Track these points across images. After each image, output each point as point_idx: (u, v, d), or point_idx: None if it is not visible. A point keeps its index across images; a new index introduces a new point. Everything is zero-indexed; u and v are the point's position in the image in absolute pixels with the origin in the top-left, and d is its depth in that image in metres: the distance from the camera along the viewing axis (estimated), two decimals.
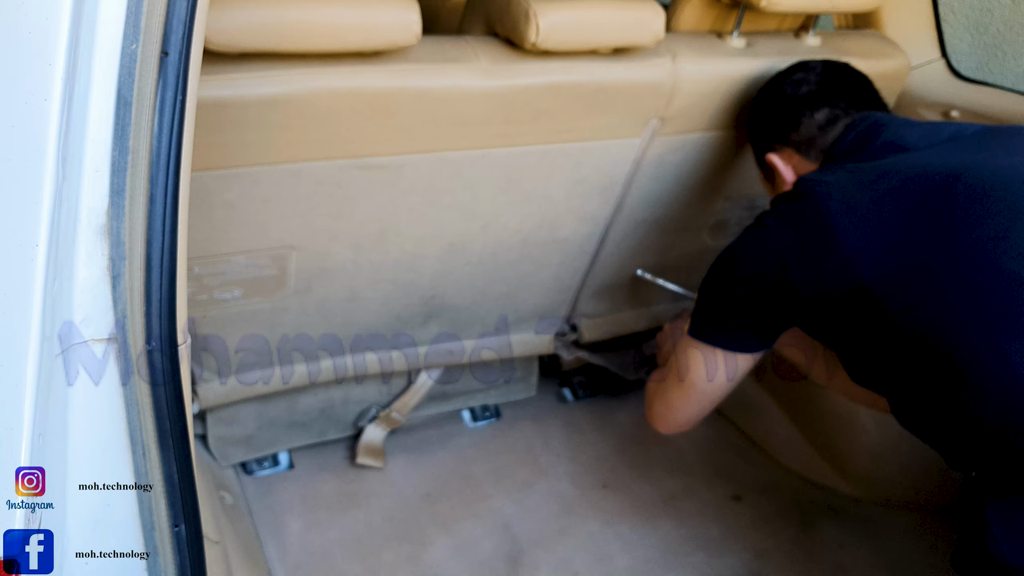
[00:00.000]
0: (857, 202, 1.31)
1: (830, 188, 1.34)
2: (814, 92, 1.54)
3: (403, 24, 1.32)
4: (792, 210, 1.36)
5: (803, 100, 1.54)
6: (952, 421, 1.24)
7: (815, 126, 1.52)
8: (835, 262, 1.28)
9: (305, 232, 1.55)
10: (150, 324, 0.86)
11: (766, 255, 1.36)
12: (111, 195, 0.82)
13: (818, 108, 1.52)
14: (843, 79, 1.56)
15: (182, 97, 0.83)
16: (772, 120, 1.59)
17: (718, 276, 1.45)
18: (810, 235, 1.32)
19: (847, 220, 1.29)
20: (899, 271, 1.24)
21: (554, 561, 1.83)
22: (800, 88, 1.55)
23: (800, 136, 1.54)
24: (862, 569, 1.85)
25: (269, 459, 2.00)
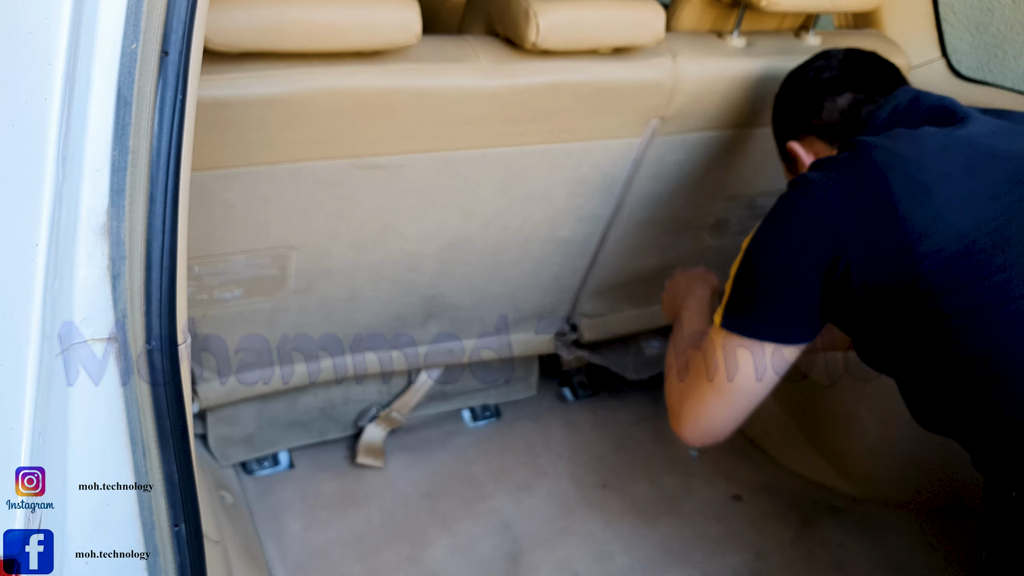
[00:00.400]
0: (920, 176, 1.21)
1: (889, 155, 1.24)
2: (836, 77, 1.47)
3: (403, 24, 1.32)
4: (845, 175, 1.25)
5: (824, 85, 1.47)
6: (981, 421, 1.21)
7: (837, 111, 1.45)
8: (895, 245, 1.18)
9: (305, 232, 1.55)
10: (150, 324, 0.86)
11: (819, 228, 1.23)
12: (111, 195, 0.82)
13: (840, 93, 1.45)
14: (867, 65, 1.49)
15: (182, 97, 0.83)
16: (793, 107, 1.53)
17: (758, 258, 1.30)
18: (868, 207, 1.21)
19: (910, 196, 1.19)
20: (964, 268, 1.16)
21: (554, 561, 1.83)
22: (822, 74, 1.49)
23: (822, 122, 1.46)
24: (862, 568, 1.85)
25: (269, 459, 2.00)
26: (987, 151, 1.24)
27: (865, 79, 1.45)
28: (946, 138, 1.27)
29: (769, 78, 1.68)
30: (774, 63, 1.68)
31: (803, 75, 1.52)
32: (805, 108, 1.49)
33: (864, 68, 1.48)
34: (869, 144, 1.28)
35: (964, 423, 1.26)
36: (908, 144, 1.26)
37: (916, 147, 1.25)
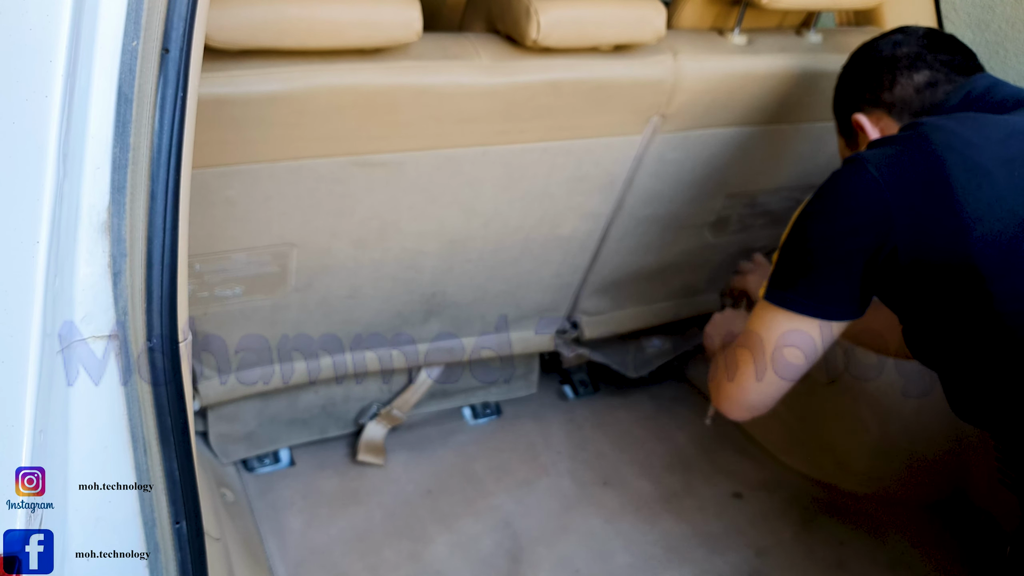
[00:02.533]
0: (981, 159, 1.19)
1: (951, 136, 1.22)
2: (915, 53, 1.41)
3: (404, 21, 1.32)
4: (901, 157, 1.23)
5: (902, 59, 1.41)
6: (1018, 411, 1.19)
7: (912, 87, 1.39)
8: (947, 227, 1.17)
9: (306, 229, 1.55)
10: (151, 321, 0.86)
11: (869, 208, 1.22)
12: (112, 192, 0.82)
13: (918, 69, 1.39)
14: (948, 46, 1.43)
15: (183, 94, 0.84)
16: (864, 78, 1.46)
17: (806, 233, 1.30)
18: (922, 190, 1.19)
19: (968, 178, 1.17)
20: (1019, 254, 1.15)
21: (555, 558, 1.83)
22: (899, 48, 1.42)
23: (894, 96, 1.40)
24: (862, 565, 1.86)
25: (270, 456, 2.01)
26: None
27: (944, 59, 1.41)
28: (1014, 124, 1.25)
29: (770, 76, 1.68)
30: (775, 61, 1.68)
31: (877, 48, 1.46)
32: (877, 80, 1.43)
33: (945, 48, 1.43)
34: (930, 124, 1.26)
35: (1006, 414, 1.24)
36: (972, 128, 1.24)
37: (980, 131, 1.23)
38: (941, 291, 1.20)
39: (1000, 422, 1.27)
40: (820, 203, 1.29)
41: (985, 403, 1.28)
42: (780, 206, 2.02)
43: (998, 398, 1.24)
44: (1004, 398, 1.22)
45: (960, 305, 1.19)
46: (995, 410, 1.27)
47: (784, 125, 1.76)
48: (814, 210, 1.30)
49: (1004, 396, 1.22)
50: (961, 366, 1.28)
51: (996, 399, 1.24)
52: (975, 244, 1.15)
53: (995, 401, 1.25)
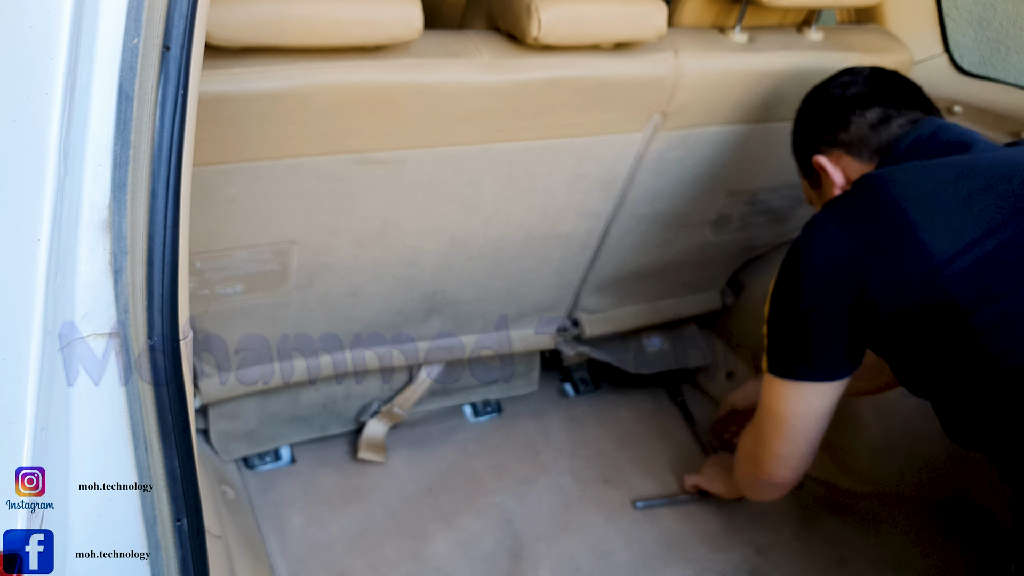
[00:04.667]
0: (938, 202, 1.24)
1: (904, 187, 1.27)
2: (864, 92, 1.49)
3: (405, 19, 1.32)
4: (858, 211, 1.30)
5: (852, 100, 1.49)
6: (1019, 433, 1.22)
7: (867, 125, 1.46)
8: (920, 269, 1.21)
9: (306, 227, 1.55)
10: (152, 319, 0.86)
11: (837, 267, 1.29)
12: (113, 190, 0.82)
13: (868, 107, 1.47)
14: (892, 82, 1.52)
15: (183, 92, 0.84)
16: (819, 121, 1.53)
17: (786, 304, 1.37)
18: (886, 239, 1.25)
19: (928, 220, 1.22)
20: (991, 284, 1.18)
21: (556, 556, 1.84)
22: (848, 89, 1.50)
23: (850, 135, 1.48)
24: (863, 564, 1.86)
25: (271, 454, 2.01)
26: (1005, 169, 1.27)
27: (891, 94, 1.48)
28: (962, 163, 1.30)
29: (771, 74, 1.67)
30: (776, 59, 1.68)
31: (828, 91, 1.53)
32: (831, 121, 1.50)
33: (890, 84, 1.51)
34: (881, 178, 1.31)
35: (1000, 437, 1.27)
36: (923, 175, 1.29)
37: (931, 177, 1.28)
38: (925, 334, 1.25)
39: (995, 447, 1.30)
40: (790, 272, 1.36)
41: (978, 430, 1.31)
42: (781, 204, 2.02)
43: (990, 424, 1.27)
44: (996, 424, 1.26)
45: (945, 343, 1.23)
46: (989, 436, 1.30)
47: (785, 123, 1.75)
48: (786, 280, 1.37)
49: (995, 422, 1.26)
50: (951, 397, 1.32)
51: (988, 426, 1.28)
52: (949, 281, 1.19)
53: (988, 427, 1.28)
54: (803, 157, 1.58)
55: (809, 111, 1.57)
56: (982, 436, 1.31)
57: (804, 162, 1.59)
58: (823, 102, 1.54)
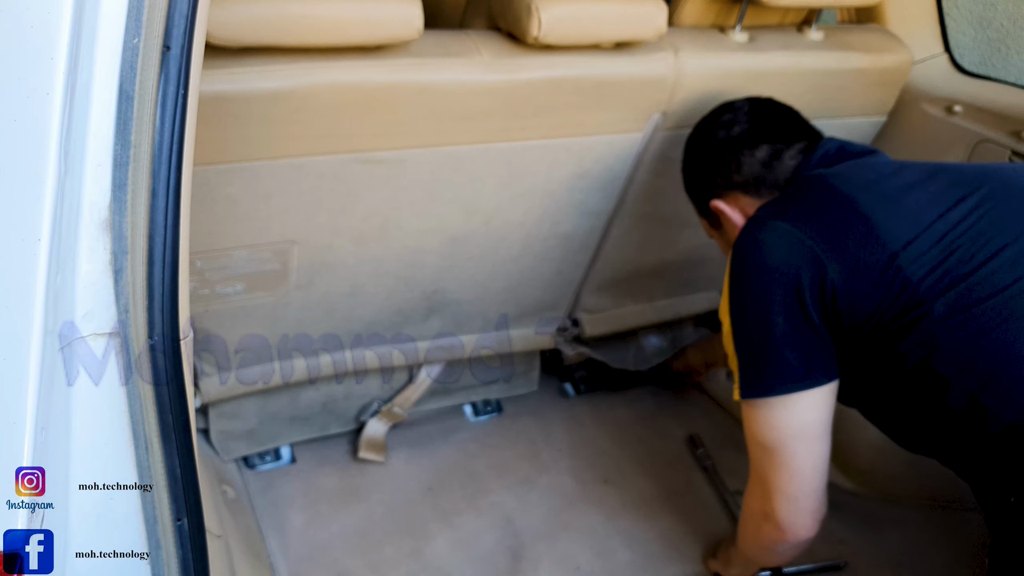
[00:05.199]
0: (884, 190, 1.23)
1: (847, 180, 1.26)
2: (748, 130, 1.45)
3: (405, 18, 1.32)
4: (805, 205, 1.27)
5: (738, 140, 1.45)
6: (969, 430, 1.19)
7: (758, 163, 1.43)
8: (876, 258, 1.19)
9: (307, 227, 1.55)
10: (152, 318, 0.86)
11: (793, 256, 1.22)
12: (113, 189, 0.83)
13: (756, 145, 1.44)
14: (773, 114, 1.48)
15: (184, 91, 0.84)
16: (709, 166, 1.50)
17: (746, 312, 1.27)
18: (839, 228, 1.21)
19: (882, 209, 1.21)
20: (949, 267, 1.17)
21: (556, 555, 1.84)
22: (732, 128, 1.47)
23: (743, 176, 1.45)
24: (863, 564, 1.85)
25: (271, 453, 2.01)
26: (935, 168, 1.29)
27: (776, 127, 1.45)
28: (892, 163, 1.32)
29: (772, 73, 1.67)
30: (776, 58, 1.68)
31: (713, 133, 1.49)
32: (723, 165, 1.47)
33: (772, 117, 1.47)
34: (821, 175, 1.30)
35: (949, 436, 1.24)
36: (860, 169, 1.29)
37: (870, 170, 1.28)
38: (881, 326, 1.20)
39: (942, 447, 1.28)
40: (741, 277, 1.27)
41: (924, 430, 1.28)
42: None
43: (936, 422, 1.23)
44: (942, 421, 1.22)
45: (897, 334, 1.19)
46: (934, 435, 1.27)
47: None
48: (740, 286, 1.28)
49: (941, 419, 1.21)
50: (892, 401, 1.29)
51: (934, 424, 1.24)
52: (908, 266, 1.17)
53: (933, 426, 1.25)
54: (699, 201, 1.56)
55: (697, 156, 1.54)
56: (929, 438, 1.29)
57: (701, 205, 1.56)
58: (710, 146, 1.50)
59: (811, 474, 1.32)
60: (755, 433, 1.32)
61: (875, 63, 1.78)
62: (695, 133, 1.55)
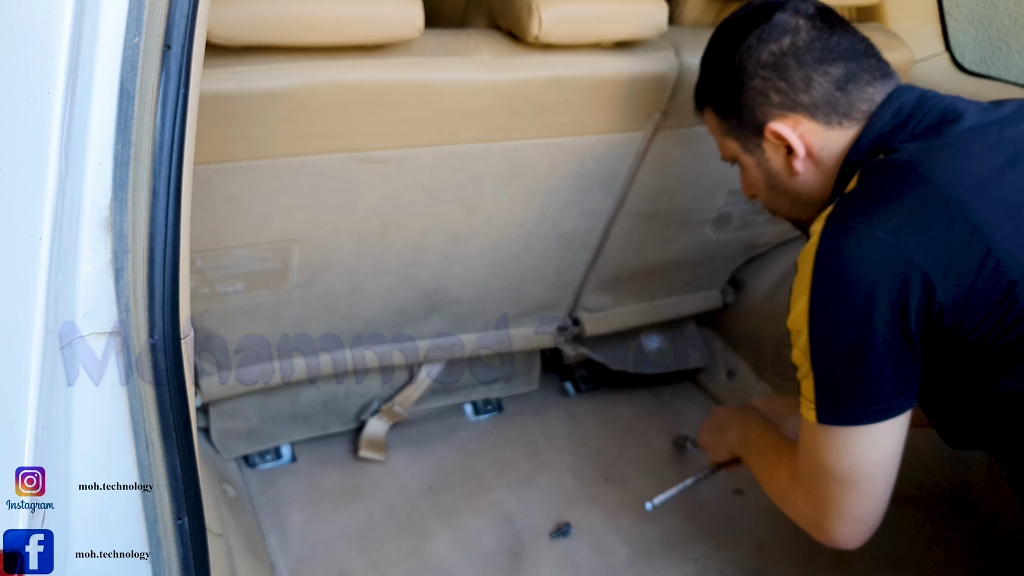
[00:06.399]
0: (1000, 195, 1.05)
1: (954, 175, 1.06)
2: (819, 38, 1.20)
3: (405, 17, 1.32)
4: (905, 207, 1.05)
5: (810, 48, 1.19)
6: None
7: (832, 83, 1.19)
8: (993, 280, 1.03)
9: (308, 226, 1.55)
10: (153, 317, 0.86)
11: (896, 275, 1.04)
12: (114, 188, 0.83)
13: (832, 61, 1.19)
14: (842, 24, 1.24)
15: (184, 90, 0.84)
16: (766, 78, 1.22)
17: (835, 333, 1.09)
18: (955, 244, 1.03)
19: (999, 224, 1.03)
20: None
21: (556, 554, 1.84)
22: (799, 34, 1.20)
23: (812, 96, 1.19)
24: (863, 563, 1.85)
25: (272, 452, 2.01)
26: None
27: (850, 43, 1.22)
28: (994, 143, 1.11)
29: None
30: None
31: (769, 35, 1.22)
32: (787, 78, 1.21)
33: (842, 27, 1.23)
34: (919, 164, 1.09)
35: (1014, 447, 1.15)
36: (967, 158, 1.09)
37: (980, 161, 1.09)
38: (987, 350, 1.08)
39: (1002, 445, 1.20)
40: (832, 292, 1.08)
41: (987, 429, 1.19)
42: None
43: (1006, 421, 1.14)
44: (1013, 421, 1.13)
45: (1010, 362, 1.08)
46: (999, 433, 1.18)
47: None
48: (829, 301, 1.09)
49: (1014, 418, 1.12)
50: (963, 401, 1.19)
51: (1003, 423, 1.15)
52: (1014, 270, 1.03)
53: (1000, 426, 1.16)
54: (744, 127, 1.28)
55: (742, 64, 1.24)
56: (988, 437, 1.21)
57: (744, 133, 1.28)
58: (766, 53, 1.22)
59: (883, 497, 1.21)
60: (824, 459, 1.16)
61: None
62: (732, 34, 1.27)
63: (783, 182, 1.29)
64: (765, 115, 1.24)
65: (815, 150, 1.22)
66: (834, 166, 1.23)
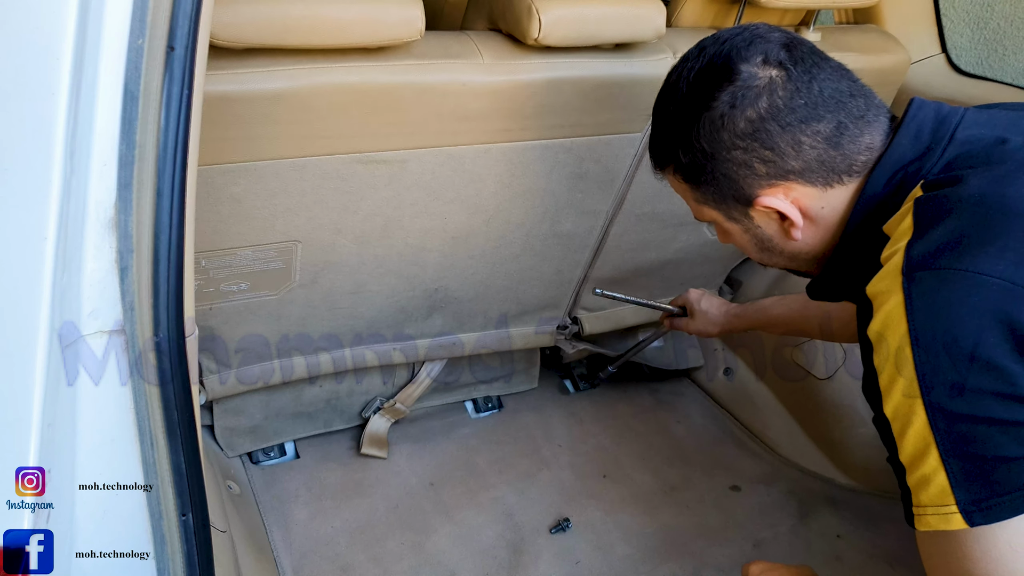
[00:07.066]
0: None
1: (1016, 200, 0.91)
2: (798, 90, 1.02)
3: (406, 20, 1.33)
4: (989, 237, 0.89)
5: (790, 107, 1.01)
6: None
7: (822, 140, 1.02)
8: None
9: (310, 226, 1.56)
10: (158, 316, 0.87)
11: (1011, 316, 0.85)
12: (118, 189, 0.83)
13: (820, 118, 1.01)
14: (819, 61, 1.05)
15: (188, 92, 0.84)
16: (747, 150, 1.04)
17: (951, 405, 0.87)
18: None
19: None
20: None
21: (555, 550, 1.85)
22: (774, 93, 1.02)
23: (803, 160, 1.03)
24: (859, 559, 1.87)
25: (275, 449, 2.03)
26: None
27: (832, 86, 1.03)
28: None
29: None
30: None
31: (742, 99, 1.02)
32: (772, 147, 1.03)
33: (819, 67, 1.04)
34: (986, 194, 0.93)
35: None
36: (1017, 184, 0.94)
37: None
38: None
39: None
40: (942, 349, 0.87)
41: None
42: None
43: None
44: None
45: None
46: None
47: None
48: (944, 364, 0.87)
49: None
50: None
51: None
52: None
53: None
54: (725, 199, 1.11)
55: (716, 136, 1.05)
56: None
57: (729, 205, 1.11)
58: (743, 121, 1.03)
59: None
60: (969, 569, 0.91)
61: (872, 64, 1.78)
62: (694, 96, 1.06)
63: (778, 245, 1.14)
64: (751, 187, 1.06)
65: (813, 212, 1.07)
66: (841, 218, 1.08)
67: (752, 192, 1.07)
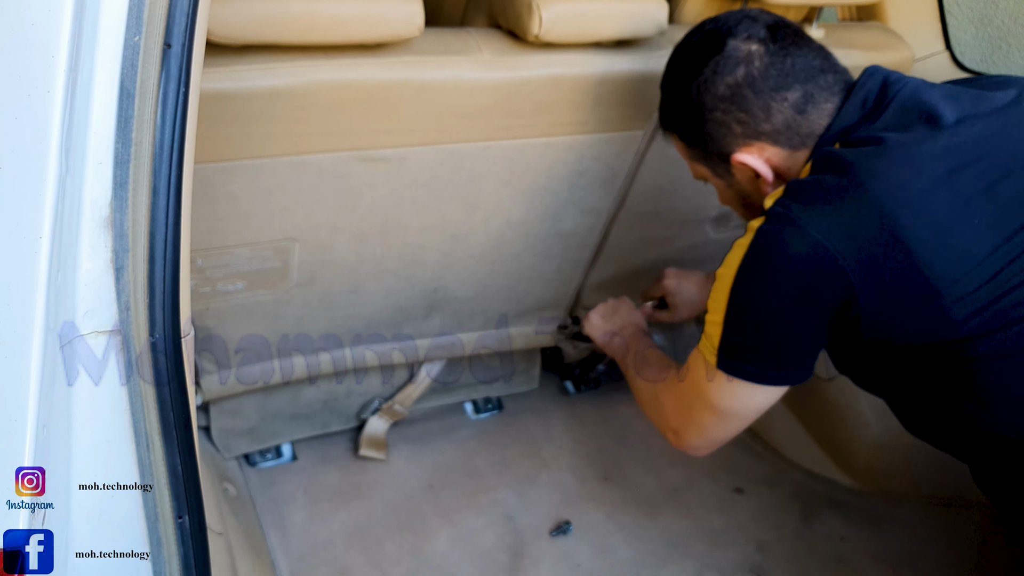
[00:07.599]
0: (933, 209, 1.07)
1: (893, 186, 1.08)
2: (773, 63, 1.21)
3: (406, 16, 1.32)
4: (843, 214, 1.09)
5: (764, 78, 1.20)
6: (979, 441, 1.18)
7: (791, 108, 1.21)
8: (916, 294, 1.07)
9: (308, 224, 1.55)
10: (154, 316, 0.86)
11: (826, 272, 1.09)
12: (114, 187, 0.83)
13: (789, 86, 1.20)
14: (797, 39, 1.24)
15: (185, 89, 0.84)
16: (727, 113, 1.24)
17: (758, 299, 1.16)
18: (879, 254, 1.07)
19: (927, 237, 1.06)
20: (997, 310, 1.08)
21: (556, 553, 1.84)
22: (752, 63, 1.21)
23: (773, 124, 1.22)
24: (863, 561, 1.86)
25: (272, 451, 2.01)
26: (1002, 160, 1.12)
27: (804, 61, 1.22)
28: (948, 148, 1.12)
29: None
30: None
31: (725, 68, 1.23)
32: (747, 110, 1.23)
33: (796, 44, 1.23)
34: (863, 170, 1.10)
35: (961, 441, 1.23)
36: (908, 167, 1.10)
37: (919, 170, 1.10)
38: (913, 360, 1.16)
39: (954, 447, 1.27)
40: (760, 268, 1.14)
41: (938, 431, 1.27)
42: None
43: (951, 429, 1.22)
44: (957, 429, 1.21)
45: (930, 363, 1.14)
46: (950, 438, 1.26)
47: None
48: (755, 277, 1.15)
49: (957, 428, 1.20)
50: (914, 402, 1.26)
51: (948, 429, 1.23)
52: (951, 308, 1.07)
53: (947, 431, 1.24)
54: (711, 155, 1.31)
55: (701, 100, 1.26)
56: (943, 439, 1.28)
57: (715, 161, 1.32)
58: (724, 86, 1.23)
59: (739, 429, 1.33)
60: (709, 395, 1.26)
61: (876, 60, 1.75)
62: (686, 66, 1.28)
63: (756, 201, 1.33)
64: (729, 145, 1.27)
65: (783, 170, 1.26)
66: None
67: (730, 149, 1.27)
